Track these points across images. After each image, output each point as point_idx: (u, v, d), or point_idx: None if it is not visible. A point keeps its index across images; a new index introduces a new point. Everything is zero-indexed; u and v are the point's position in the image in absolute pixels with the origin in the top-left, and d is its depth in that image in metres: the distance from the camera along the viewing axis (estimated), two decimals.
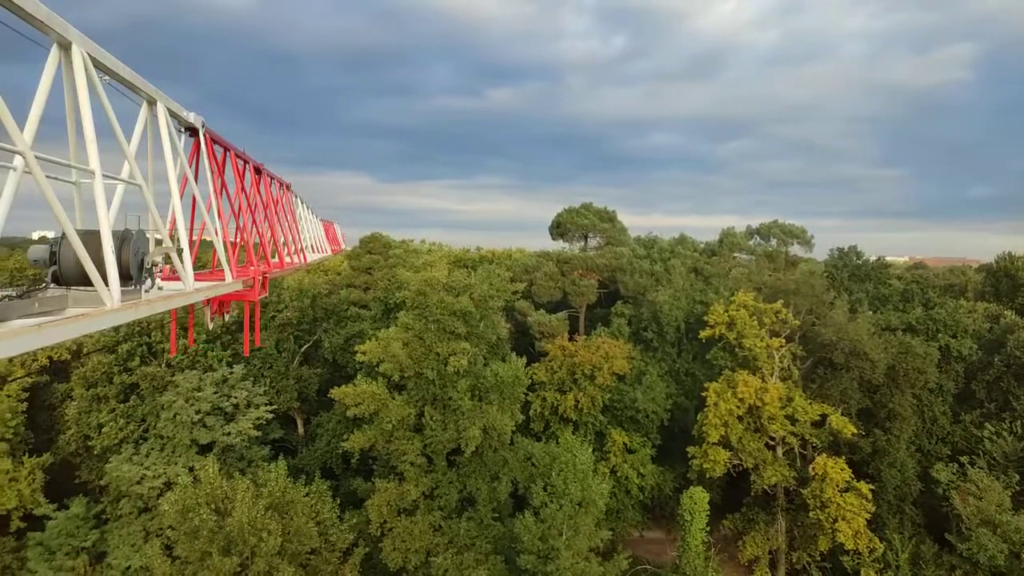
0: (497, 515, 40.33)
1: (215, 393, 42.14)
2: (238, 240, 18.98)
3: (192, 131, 14.29)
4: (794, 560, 45.34)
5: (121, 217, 11.18)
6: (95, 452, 42.12)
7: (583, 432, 47.98)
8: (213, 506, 32.12)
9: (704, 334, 49.51)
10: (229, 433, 41.54)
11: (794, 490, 45.43)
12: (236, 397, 42.97)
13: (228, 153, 17.20)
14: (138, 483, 39.25)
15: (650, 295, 57.20)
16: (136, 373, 43.02)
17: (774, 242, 66.22)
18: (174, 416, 40.55)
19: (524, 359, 42.89)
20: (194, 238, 15.89)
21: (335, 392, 41.78)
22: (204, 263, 23.71)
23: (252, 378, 46.39)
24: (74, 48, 8.23)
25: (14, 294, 8.27)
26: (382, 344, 41.46)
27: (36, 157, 7.20)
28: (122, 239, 9.52)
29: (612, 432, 49.71)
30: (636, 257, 61.53)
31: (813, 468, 43.54)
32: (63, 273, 9.06)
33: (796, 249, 67.25)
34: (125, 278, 9.44)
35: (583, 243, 66.55)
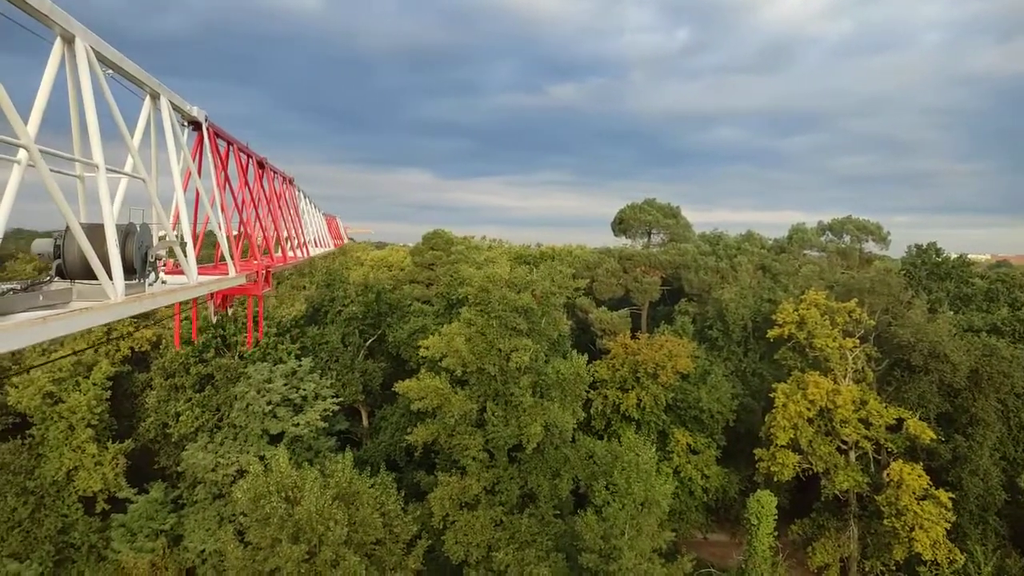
0: (558, 512, 40.22)
1: (285, 385, 43.38)
2: (241, 234, 18.99)
3: (195, 125, 14.22)
4: (867, 569, 43.64)
5: (125, 211, 11.02)
6: (173, 439, 43.99)
7: (645, 431, 47.35)
8: (283, 495, 33.05)
9: (772, 333, 48.16)
10: (298, 424, 42.70)
11: (867, 496, 43.75)
12: (304, 389, 44.13)
13: (231, 147, 17.14)
14: (212, 470, 40.80)
15: (715, 293, 56.01)
16: (211, 364, 44.69)
17: (847, 239, 63.87)
18: (246, 406, 41.96)
19: (586, 356, 42.56)
20: (197, 232, 15.63)
21: (399, 386, 42.48)
22: (205, 257, 24.01)
23: (319, 371, 47.57)
24: (77, 41, 8.20)
25: (18, 287, 8.26)
26: (445, 339, 41.88)
27: (40, 150, 7.14)
28: (126, 233, 9.47)
29: (675, 432, 48.90)
30: (701, 254, 60.34)
31: (888, 474, 41.82)
32: (67, 267, 9.04)
33: (871, 246, 64.78)
34: (129, 272, 9.41)
35: (646, 240, 65.69)
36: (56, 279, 9.10)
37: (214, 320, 19.75)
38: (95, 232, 8.63)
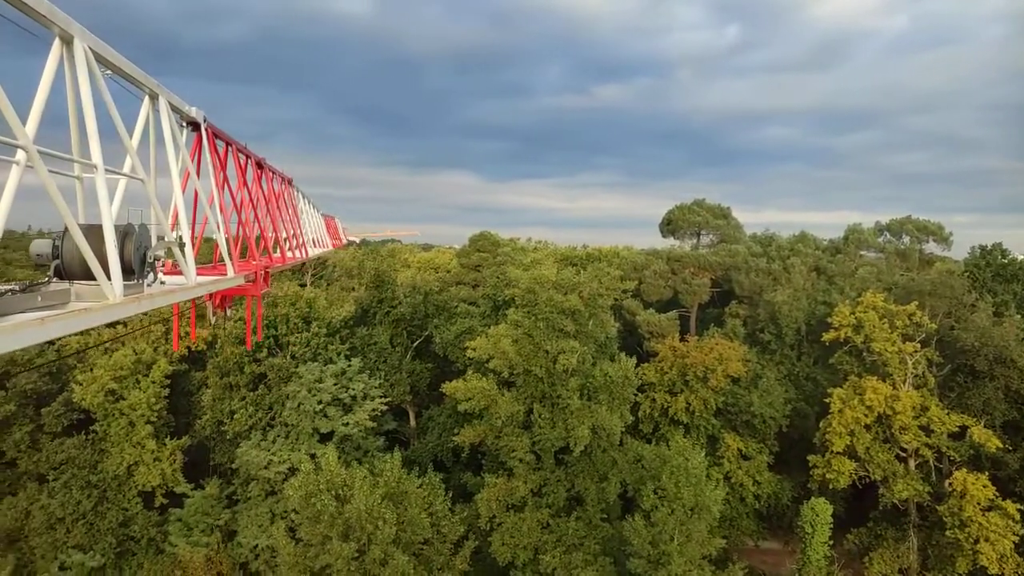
0: (606, 516, 39.86)
1: (335, 385, 44.10)
2: (240, 235, 18.85)
3: (194, 126, 14.16)
4: None
5: (123, 211, 11.00)
6: (227, 437, 45.13)
7: (695, 436, 46.56)
8: (333, 493, 33.54)
9: (827, 337, 46.84)
10: (347, 423, 43.37)
11: (928, 506, 42.16)
12: (354, 389, 44.78)
13: (230, 148, 17.05)
14: (265, 468, 41.73)
15: (767, 295, 54.74)
16: (264, 364, 45.70)
17: (906, 239, 61.69)
18: (298, 405, 42.80)
19: (634, 359, 42.09)
20: (196, 233, 15.69)
21: (446, 387, 42.71)
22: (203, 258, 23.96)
23: (368, 371, 48.19)
24: (76, 42, 8.15)
25: (17, 288, 8.25)
26: (492, 341, 41.92)
27: (38, 151, 7.11)
28: (124, 233, 9.43)
29: (726, 437, 47.97)
30: (752, 255, 59.03)
31: (951, 483, 40.18)
32: (66, 267, 9.00)
33: (931, 247, 62.40)
34: (127, 272, 9.36)
35: (695, 241, 64.62)
36: (54, 280, 9.08)
37: (212, 321, 19.76)
38: (93, 233, 8.60)
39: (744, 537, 48.11)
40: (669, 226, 63.76)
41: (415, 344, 55.69)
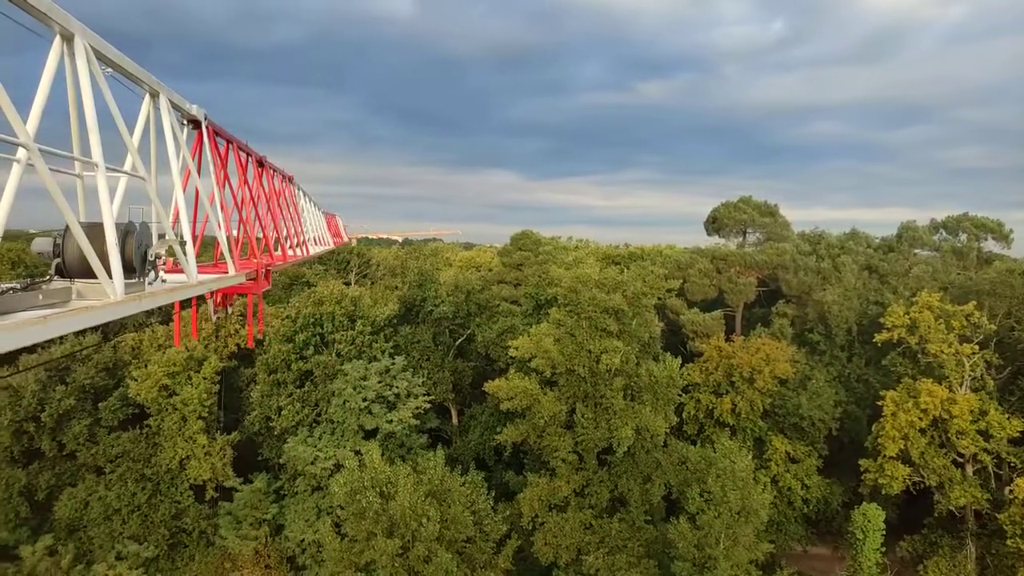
0: (649, 518, 39.43)
1: (379, 382, 44.54)
2: (241, 233, 18.74)
3: (195, 123, 14.12)
4: None
5: (124, 210, 10.88)
6: (275, 432, 46.03)
7: (741, 438, 45.73)
8: (378, 490, 33.91)
9: (880, 337, 45.48)
10: (391, 421, 43.76)
11: (987, 513, 40.59)
12: (397, 387, 45.16)
13: (231, 145, 16.94)
14: (312, 463, 42.39)
15: (816, 294, 53.46)
16: (310, 361, 46.46)
17: (963, 237, 59.52)
18: (343, 403, 43.37)
19: (679, 359, 41.53)
20: (197, 231, 15.48)
21: (489, 386, 42.79)
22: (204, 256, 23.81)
23: (411, 369, 48.57)
24: (76, 40, 8.09)
25: (18, 287, 8.21)
26: (534, 340, 41.86)
27: (39, 149, 7.05)
28: (125, 232, 9.36)
29: (773, 439, 46.97)
30: (800, 253, 57.70)
31: (1012, 490, 38.57)
32: (67, 265, 8.97)
33: (990, 245, 60.10)
34: (129, 271, 9.30)
35: (741, 239, 63.50)
36: (55, 278, 9.05)
37: (214, 319, 19.71)
38: (94, 231, 8.53)
39: (792, 542, 47.12)
40: (714, 224, 62.79)
41: (457, 342, 55.94)
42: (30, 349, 51.69)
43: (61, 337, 54.05)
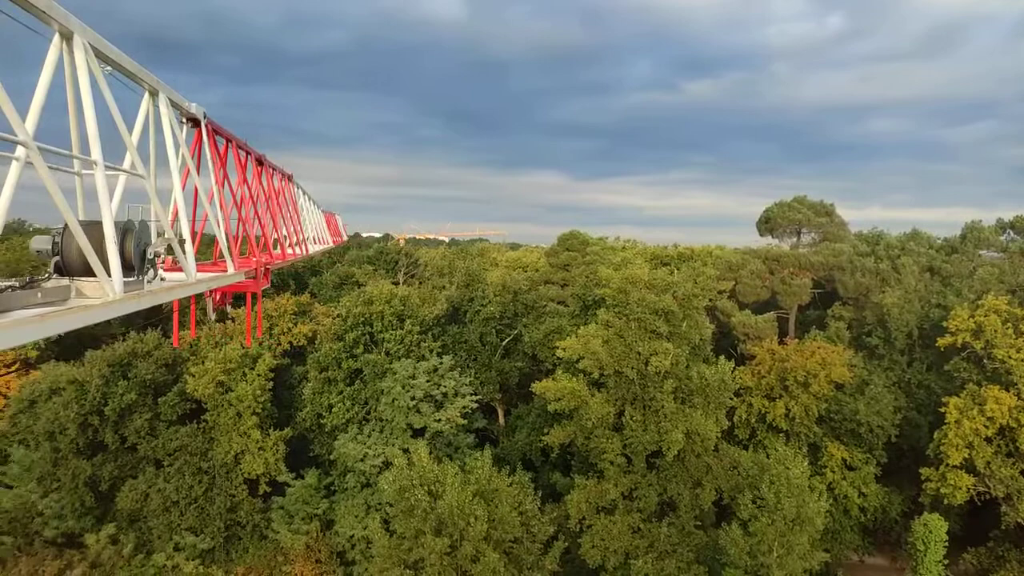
0: (699, 523, 38.75)
1: (427, 381, 44.92)
2: (240, 231, 18.59)
3: (194, 122, 14.02)
4: None
5: (123, 208, 10.91)
6: (326, 429, 46.83)
7: (795, 443, 44.54)
8: (426, 488, 34.13)
9: (943, 342, 43.80)
10: (439, 420, 44.07)
11: None
12: (445, 386, 45.47)
13: (230, 144, 16.84)
14: (361, 460, 43.01)
15: (875, 297, 51.78)
16: (360, 359, 47.13)
17: None
18: (392, 401, 43.86)
19: (732, 363, 40.69)
20: (196, 229, 15.47)
21: (536, 386, 42.68)
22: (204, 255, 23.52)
23: (459, 368, 48.83)
24: (76, 38, 8.05)
25: (17, 285, 8.23)
26: (582, 341, 41.57)
27: (38, 147, 7.04)
28: (124, 230, 9.34)
29: (829, 445, 45.66)
30: (858, 254, 55.93)
31: None
32: (66, 263, 8.94)
33: None
34: (128, 269, 9.28)
35: (795, 239, 61.86)
36: (54, 276, 9.05)
37: (213, 318, 19.67)
38: (93, 229, 8.52)
39: (848, 551, 45.80)
40: (767, 224, 61.32)
41: (504, 343, 56.02)
42: (95, 345, 53.69)
43: (124, 334, 56.11)
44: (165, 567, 43.55)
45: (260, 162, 20.66)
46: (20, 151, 7.02)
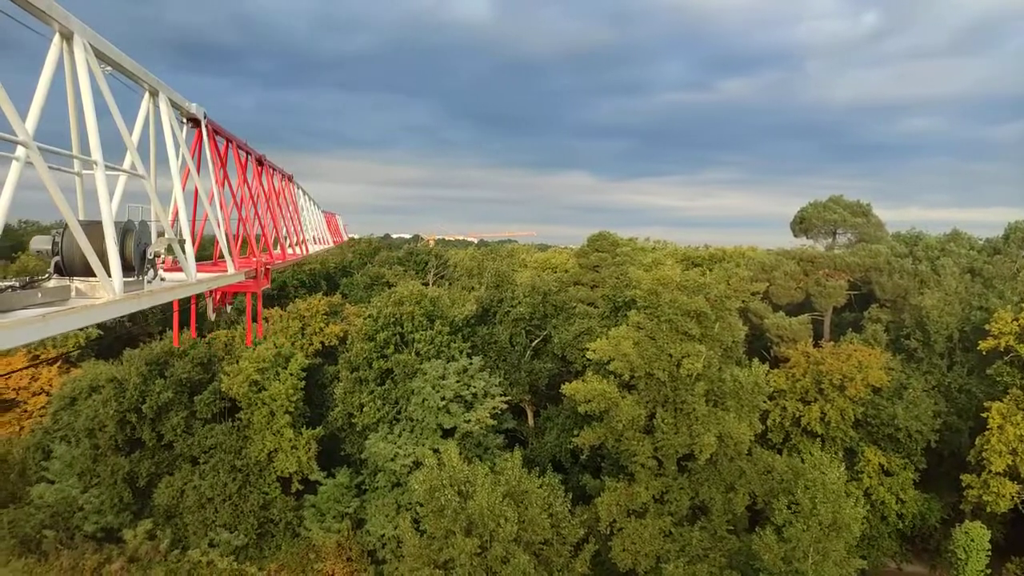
0: (732, 528, 38.23)
1: (457, 382, 45.02)
2: (240, 231, 18.49)
3: (194, 122, 13.99)
4: None
5: (123, 208, 10.83)
6: (357, 429, 47.18)
7: (830, 448, 43.72)
8: (456, 488, 34.20)
9: (985, 345, 42.69)
10: (469, 420, 44.14)
11: None
12: (475, 386, 45.53)
13: (230, 144, 16.80)
14: (391, 460, 43.24)
15: (913, 299, 50.61)
16: (391, 360, 47.40)
17: None
18: (422, 401, 44.06)
19: (766, 365, 40.08)
20: (196, 229, 15.41)
21: (566, 388, 42.49)
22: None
23: (488, 369, 48.85)
24: (76, 38, 8.01)
25: (17, 285, 8.21)
26: (612, 342, 41.31)
27: (38, 147, 7.01)
28: (124, 230, 9.33)
29: (866, 450, 44.73)
30: (895, 255, 54.72)
31: None
32: (66, 264, 8.93)
33: None
34: (128, 269, 9.26)
35: (830, 240, 60.74)
36: (55, 276, 9.04)
37: (212, 318, 19.42)
38: (93, 229, 8.50)
39: (885, 558, 44.85)
40: (801, 224, 60.30)
41: (534, 344, 55.91)
42: (132, 343, 54.80)
43: (161, 333, 57.21)
44: (200, 563, 44.33)
45: (260, 162, 20.74)
46: (20, 151, 7.02)
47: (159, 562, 44.78)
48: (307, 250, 32.59)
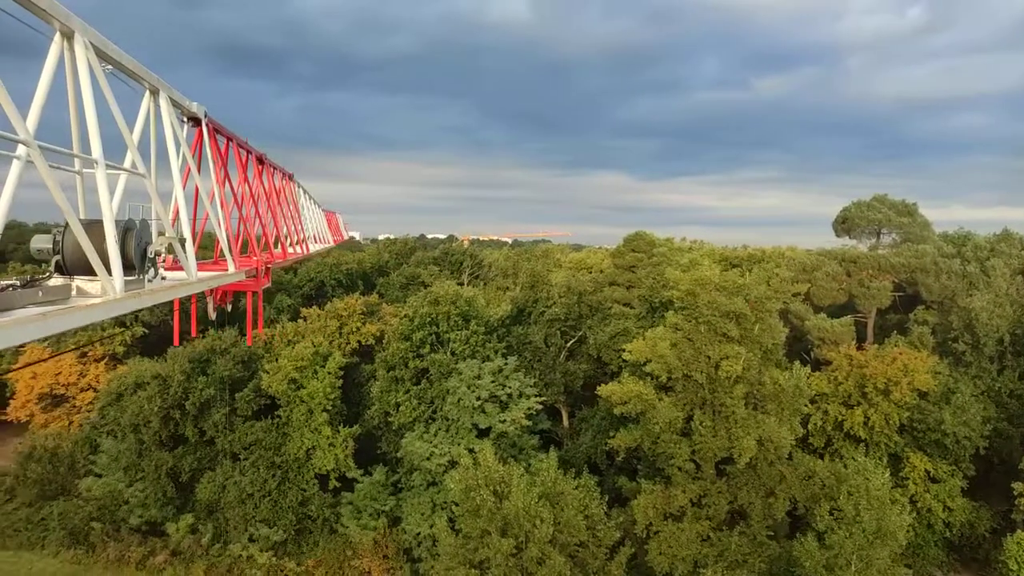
0: (772, 534, 37.49)
1: (492, 382, 45.07)
2: (240, 230, 18.43)
3: (195, 121, 13.96)
4: None
5: (124, 207, 10.82)
6: (393, 427, 47.60)
7: (874, 453, 42.61)
8: (492, 488, 34.16)
9: None
10: (504, 420, 44.17)
11: None
12: (510, 387, 45.53)
13: (231, 143, 16.73)
14: (427, 459, 43.50)
15: (962, 300, 49.11)
16: (427, 359, 47.68)
17: None
18: (458, 401, 44.20)
19: (808, 368, 39.24)
20: (197, 228, 15.36)
21: (602, 390, 42.15)
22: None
23: (523, 370, 48.81)
24: (77, 37, 7.99)
25: (18, 284, 8.23)
26: (649, 343, 40.88)
27: (39, 146, 7.01)
28: (125, 229, 9.30)
29: (911, 456, 43.47)
30: (942, 256, 53.15)
31: None
32: (67, 262, 8.93)
33: None
34: (128, 268, 9.27)
35: (874, 240, 59.26)
36: (55, 275, 9.06)
37: (213, 317, 19.34)
38: (94, 228, 8.51)
39: (932, 568, 43.47)
40: (844, 224, 58.96)
41: (569, 344, 55.69)
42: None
43: (203, 331, 58.50)
44: (240, 557, 45.18)
45: (261, 161, 20.80)
46: (21, 150, 7.04)
47: (201, 556, 45.77)
48: (307, 249, 32.54)
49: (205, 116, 14.46)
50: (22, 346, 54.26)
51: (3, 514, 49.45)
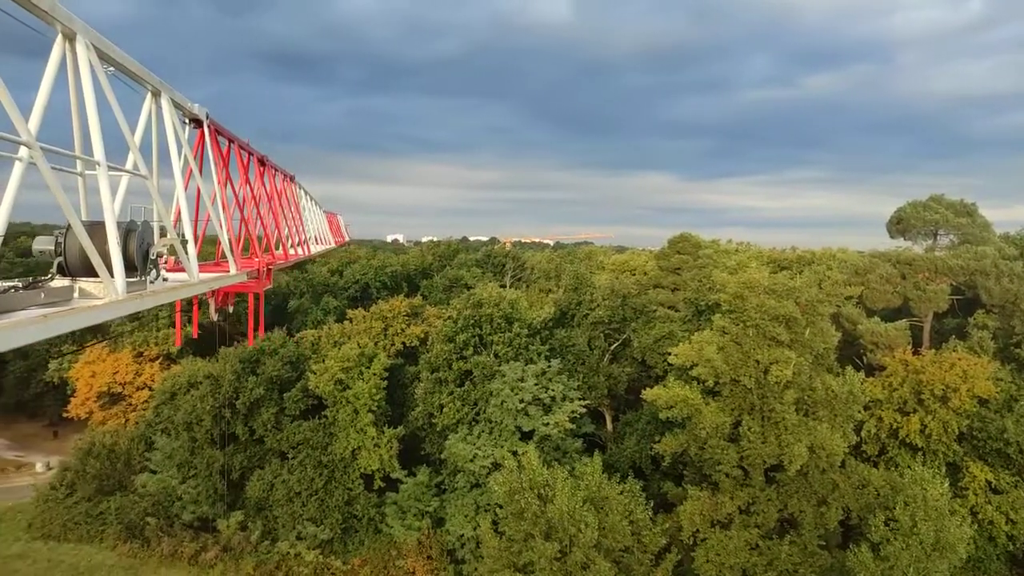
0: (824, 543, 36.51)
1: (535, 384, 44.96)
2: (242, 231, 18.37)
3: (196, 122, 13.96)
4: None
5: (126, 208, 10.81)
6: (437, 429, 47.82)
7: (931, 462, 41.08)
8: (536, 492, 34.06)
9: None
10: (547, 423, 44.01)
11: None
12: (553, 390, 45.36)
13: (232, 145, 16.70)
14: (471, 461, 43.59)
15: None
16: (470, 361, 47.83)
17: None
18: (501, 403, 44.22)
19: (862, 373, 38.12)
20: (198, 229, 15.30)
21: (647, 394, 41.64)
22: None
23: (567, 372, 48.58)
24: (79, 39, 7.99)
25: (20, 285, 8.22)
26: (695, 347, 40.28)
27: (41, 148, 7.00)
28: (127, 230, 9.27)
29: (972, 466, 41.79)
30: (1004, 258, 51.00)
31: None
32: (69, 264, 8.92)
33: None
34: (130, 269, 9.25)
35: (930, 241, 57.19)
36: (57, 276, 9.05)
37: (215, 318, 19.22)
38: (96, 230, 8.51)
39: None
40: (899, 225, 57.01)
41: (612, 347, 55.21)
42: (229, 343, 57.48)
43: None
44: (288, 555, 46.00)
45: (262, 162, 20.96)
46: (23, 151, 7.07)
47: (250, 552, 46.75)
48: (309, 250, 32.65)
49: (207, 117, 14.63)
50: (83, 346, 56.26)
51: (64, 508, 51.32)
